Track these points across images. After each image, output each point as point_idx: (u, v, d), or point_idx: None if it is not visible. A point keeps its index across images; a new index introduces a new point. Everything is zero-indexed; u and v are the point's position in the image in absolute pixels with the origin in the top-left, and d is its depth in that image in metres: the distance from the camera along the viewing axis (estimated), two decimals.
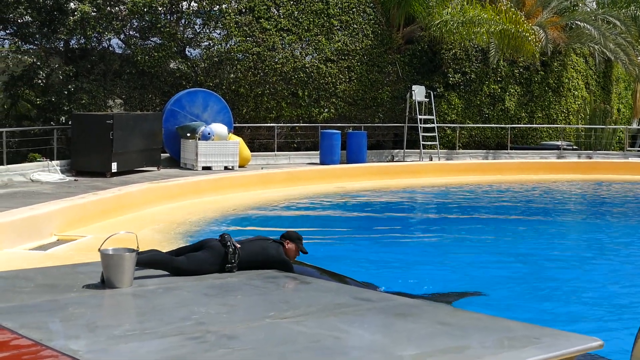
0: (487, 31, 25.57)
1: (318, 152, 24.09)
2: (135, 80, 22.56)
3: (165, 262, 7.84)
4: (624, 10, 32.32)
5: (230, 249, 7.95)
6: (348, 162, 23.78)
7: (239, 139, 21.79)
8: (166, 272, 7.79)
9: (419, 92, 26.16)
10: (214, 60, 23.37)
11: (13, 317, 6.20)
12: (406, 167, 24.03)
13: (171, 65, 23.07)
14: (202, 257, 7.91)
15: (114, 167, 18.61)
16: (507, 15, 25.40)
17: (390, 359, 5.42)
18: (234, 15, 23.87)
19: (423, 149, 26.20)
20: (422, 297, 9.04)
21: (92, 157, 18.72)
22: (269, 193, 18.48)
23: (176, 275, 7.76)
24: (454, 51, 27.53)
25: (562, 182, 23.92)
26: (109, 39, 22.52)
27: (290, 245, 8.47)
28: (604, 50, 29.53)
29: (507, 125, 28.24)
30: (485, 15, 25.21)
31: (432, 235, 14.70)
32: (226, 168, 20.97)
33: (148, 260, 7.76)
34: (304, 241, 8.67)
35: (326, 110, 25.45)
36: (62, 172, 18.69)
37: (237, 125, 23.44)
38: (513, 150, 28.09)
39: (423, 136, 26.19)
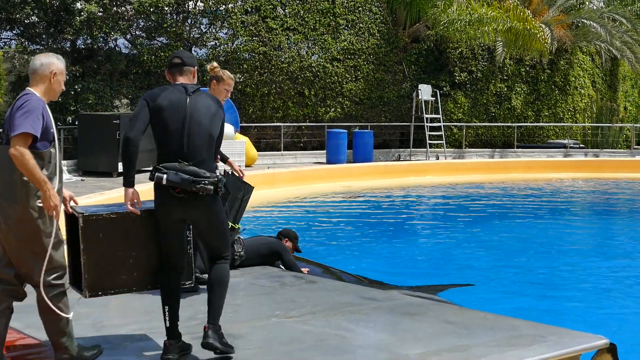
0: (494, 30, 25.52)
1: (324, 151, 24.09)
2: (141, 80, 22.59)
3: None
4: (630, 7, 32.31)
5: (234, 239, 8.21)
6: (354, 162, 23.78)
7: (245, 139, 21.80)
8: None
9: (425, 91, 26.15)
10: (220, 60, 23.40)
11: (19, 317, 6.21)
12: (413, 166, 24.03)
13: None
14: None
15: (121, 167, 18.63)
16: (514, 13, 25.36)
17: (396, 357, 5.43)
18: (240, 15, 23.88)
19: (429, 147, 26.19)
20: (410, 287, 9.12)
21: (98, 157, 18.75)
22: (275, 192, 18.49)
23: None
24: (460, 50, 27.50)
25: (569, 181, 23.90)
26: (115, 39, 22.56)
27: (288, 244, 9.02)
28: (611, 48, 29.46)
29: (514, 124, 28.21)
30: (492, 14, 25.16)
31: (437, 233, 14.72)
32: None
33: None
34: (299, 240, 9.32)
35: (332, 109, 25.45)
36: (69, 172, 18.73)
37: (244, 124, 23.45)
38: (520, 149, 28.05)
39: (429, 135, 26.17)
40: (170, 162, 5.27)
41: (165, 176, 5.19)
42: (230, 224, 7.16)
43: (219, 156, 7.13)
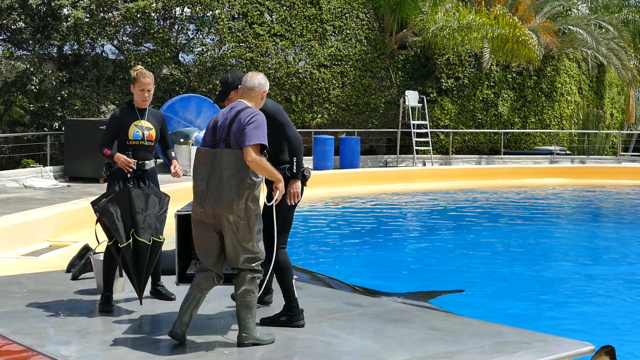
0: (483, 37, 25.57)
1: (311, 157, 24.06)
2: (128, 86, 22.45)
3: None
4: (616, 14, 32.42)
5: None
6: (341, 168, 23.78)
7: None
8: None
9: (412, 98, 26.19)
10: (207, 66, 23.39)
11: (5, 323, 6.20)
12: (399, 173, 24.07)
13: (164, 71, 23.06)
14: None
15: None
16: (503, 20, 25.42)
17: None
18: (227, 21, 23.88)
19: (416, 154, 26.22)
20: (401, 294, 9.13)
21: (85, 163, 18.64)
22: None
23: None
24: (447, 56, 27.56)
25: (555, 187, 23.97)
26: (102, 45, 22.50)
27: None
28: (597, 55, 29.59)
29: (500, 130, 28.27)
30: (481, 20, 25.21)
31: (425, 239, 14.73)
32: None
33: None
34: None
35: (319, 115, 25.46)
36: (56, 178, 18.67)
37: None
38: (506, 155, 28.11)
39: (416, 141, 26.20)
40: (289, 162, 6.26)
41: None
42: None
43: (172, 155, 7.46)
